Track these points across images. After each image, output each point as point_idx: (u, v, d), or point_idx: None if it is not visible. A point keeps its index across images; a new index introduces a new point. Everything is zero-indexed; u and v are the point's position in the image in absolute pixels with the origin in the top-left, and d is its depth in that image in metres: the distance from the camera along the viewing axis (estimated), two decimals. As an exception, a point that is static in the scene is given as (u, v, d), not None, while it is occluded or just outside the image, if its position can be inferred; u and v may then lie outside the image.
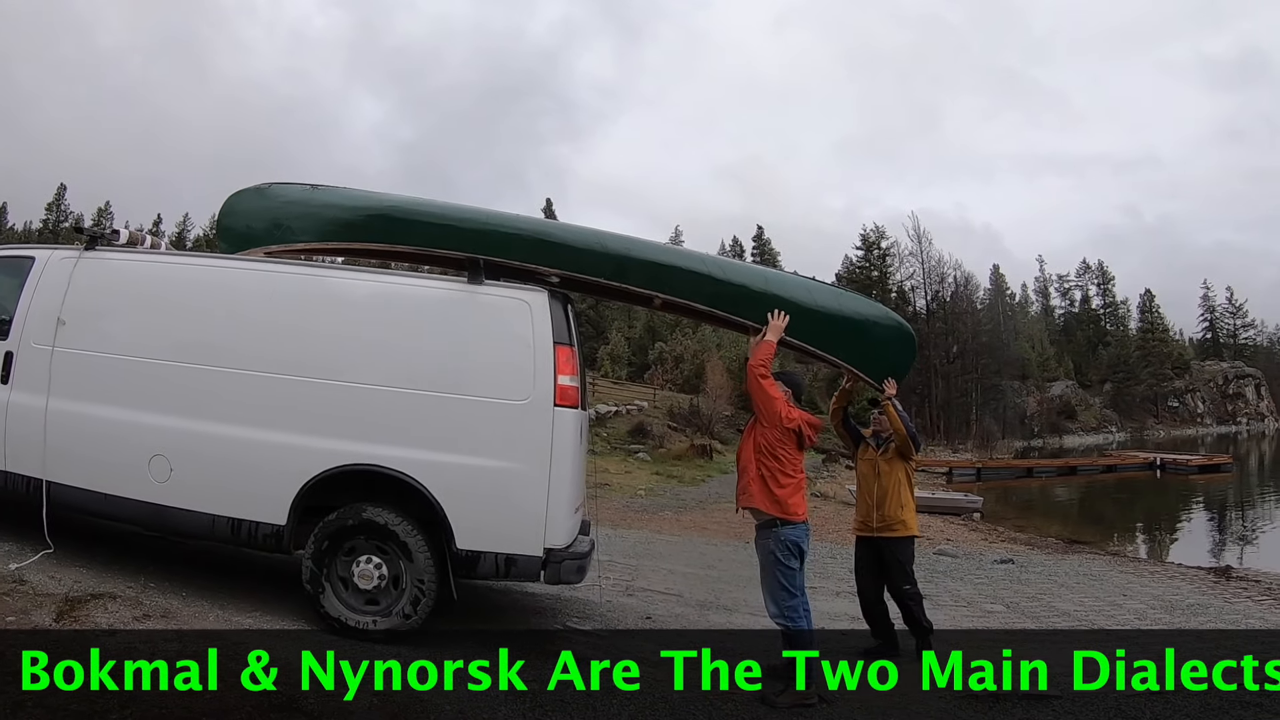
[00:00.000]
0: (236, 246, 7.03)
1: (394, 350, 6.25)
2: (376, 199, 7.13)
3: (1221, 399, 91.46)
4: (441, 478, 6.01)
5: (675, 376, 53.29)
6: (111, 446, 6.26)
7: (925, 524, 16.17)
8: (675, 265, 6.96)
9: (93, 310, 6.49)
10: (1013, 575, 11.60)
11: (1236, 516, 28.38)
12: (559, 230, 7.04)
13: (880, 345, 7.04)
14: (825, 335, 6.85)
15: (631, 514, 16.14)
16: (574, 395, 6.23)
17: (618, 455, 29.47)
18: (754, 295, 6.73)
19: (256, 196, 7.21)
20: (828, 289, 7.30)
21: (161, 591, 6.09)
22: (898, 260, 77.39)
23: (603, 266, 6.73)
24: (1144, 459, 47.36)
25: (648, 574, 9.54)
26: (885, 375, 6.99)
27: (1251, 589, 11.20)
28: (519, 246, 6.71)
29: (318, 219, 6.96)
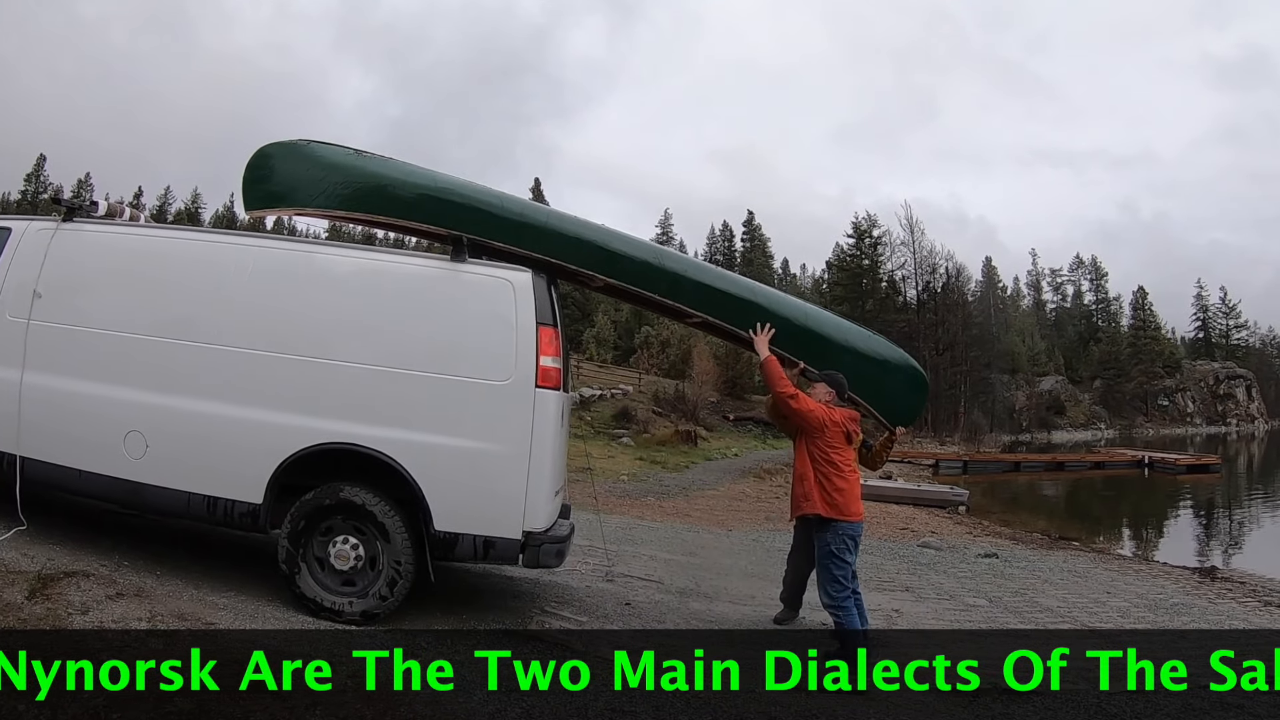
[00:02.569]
0: (263, 204, 6.90)
1: (374, 328, 6.19)
2: (432, 179, 6.94)
3: (1212, 399, 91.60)
4: (420, 458, 5.96)
5: (661, 361, 53.11)
6: (87, 422, 6.21)
7: (910, 516, 16.25)
8: (728, 291, 7.08)
9: (70, 283, 6.41)
10: (996, 570, 11.56)
11: (1223, 518, 28.42)
12: (619, 242, 6.99)
13: (897, 387, 7.20)
14: (851, 374, 6.92)
15: (614, 499, 16.10)
16: (556, 377, 6.18)
17: (601, 439, 29.36)
18: (793, 328, 6.92)
19: (292, 154, 6.96)
20: (857, 329, 7.47)
21: (135, 570, 6.05)
22: (889, 250, 77.16)
23: (658, 283, 6.82)
24: (1132, 457, 47.40)
25: (628, 560, 9.51)
26: (899, 417, 7.16)
27: (1236, 590, 11.19)
28: (582, 252, 6.77)
29: (363, 188, 6.78)
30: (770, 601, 7.98)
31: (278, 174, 6.91)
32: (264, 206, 6.90)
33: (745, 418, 44.14)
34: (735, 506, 18.51)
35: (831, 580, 6.26)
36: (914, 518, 16.69)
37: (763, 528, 14.96)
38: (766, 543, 12.71)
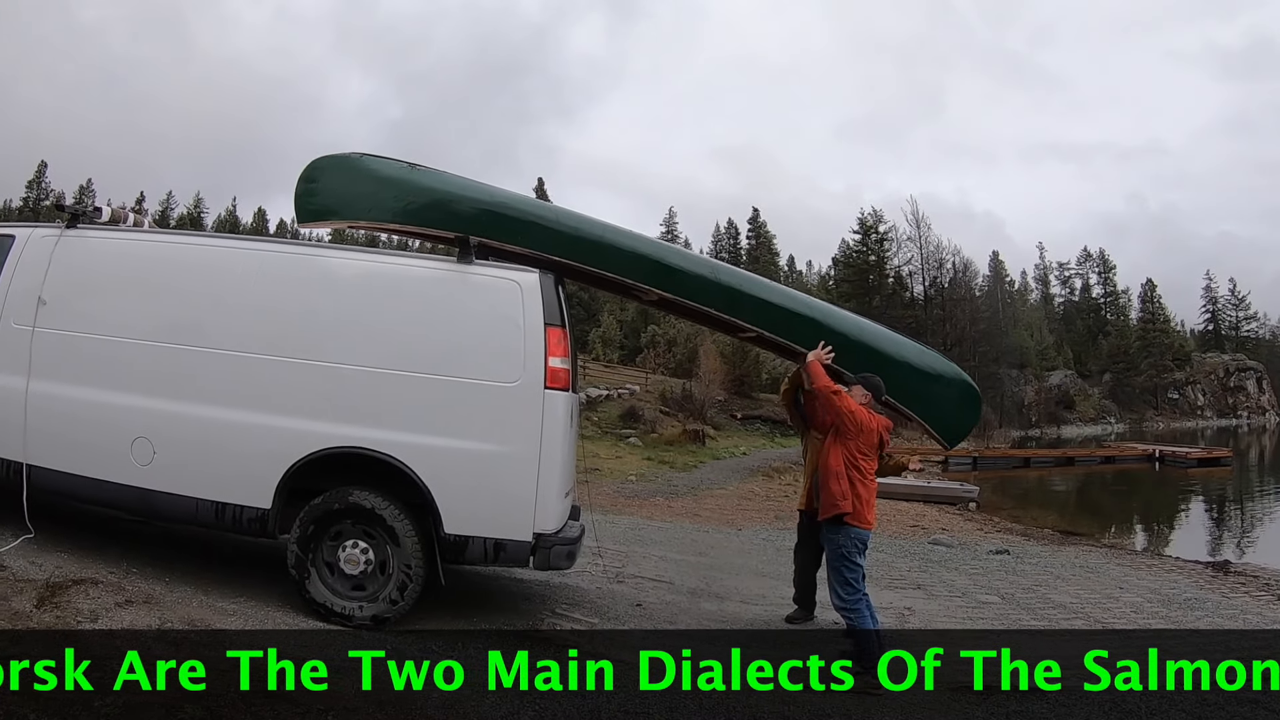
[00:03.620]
0: (316, 216, 6.99)
1: (382, 331, 6.17)
2: (488, 193, 7.01)
3: (1222, 391, 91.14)
4: (430, 461, 5.95)
5: (668, 360, 52.94)
6: (94, 429, 6.19)
7: (920, 512, 16.18)
8: (784, 306, 7.16)
9: (74, 290, 6.40)
10: (1008, 566, 11.51)
11: (1236, 511, 28.27)
12: (676, 256, 7.16)
13: (950, 403, 7.27)
14: (904, 388, 7.00)
15: (622, 499, 16.07)
16: (565, 377, 6.17)
17: (608, 440, 29.31)
18: (848, 342, 6.94)
19: (344, 167, 7.03)
20: (911, 344, 7.52)
21: (144, 577, 6.03)
22: (896, 245, 76.76)
23: (715, 299, 6.86)
24: (1143, 451, 47.18)
25: (638, 560, 9.48)
26: (952, 432, 7.26)
27: (1250, 584, 11.12)
28: (640, 268, 6.87)
29: (419, 202, 6.84)
30: (781, 601, 7.95)
31: (331, 187, 6.96)
32: (317, 219, 6.99)
33: (754, 416, 44.10)
34: (744, 505, 18.45)
35: (843, 583, 6.22)
36: (924, 514, 16.63)
37: (773, 526, 14.90)
38: (777, 541, 12.65)
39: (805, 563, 7.54)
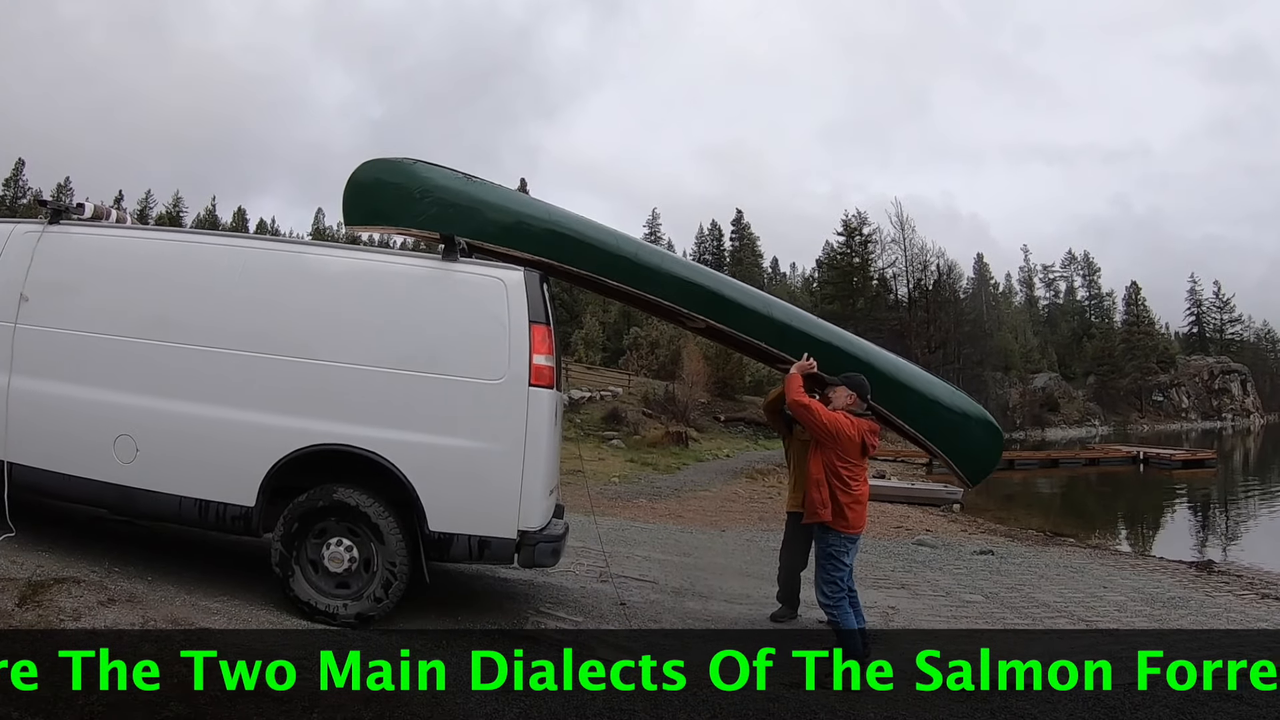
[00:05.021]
0: (366, 220, 7.00)
1: (367, 328, 6.16)
2: (546, 212, 7.10)
3: (1207, 394, 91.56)
4: (414, 458, 5.93)
5: (651, 362, 52.86)
6: (76, 426, 6.15)
7: (904, 514, 16.23)
8: (830, 343, 7.23)
9: (57, 286, 6.35)
10: (992, 566, 11.57)
11: (1220, 512, 28.43)
12: (729, 288, 7.29)
13: (976, 441, 7.40)
14: (934, 426, 7.23)
15: (605, 501, 16.04)
16: (549, 375, 6.16)
17: (591, 442, 29.25)
18: (884, 379, 7.06)
19: (397, 172, 7.06)
20: (942, 383, 7.71)
21: (127, 576, 5.99)
22: (880, 247, 76.73)
23: (766, 333, 6.96)
24: (1127, 453, 47.35)
25: (622, 561, 9.48)
26: (976, 470, 7.45)
27: (1233, 584, 11.21)
28: (692, 296, 7.02)
29: (474, 215, 6.88)
30: (765, 599, 7.98)
31: (382, 192, 6.96)
32: (366, 223, 6.99)
33: (737, 418, 44.11)
34: (728, 507, 18.48)
35: (828, 581, 6.23)
36: (908, 516, 16.69)
37: (756, 527, 14.95)
38: (760, 542, 12.69)
39: (791, 563, 7.58)
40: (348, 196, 7.03)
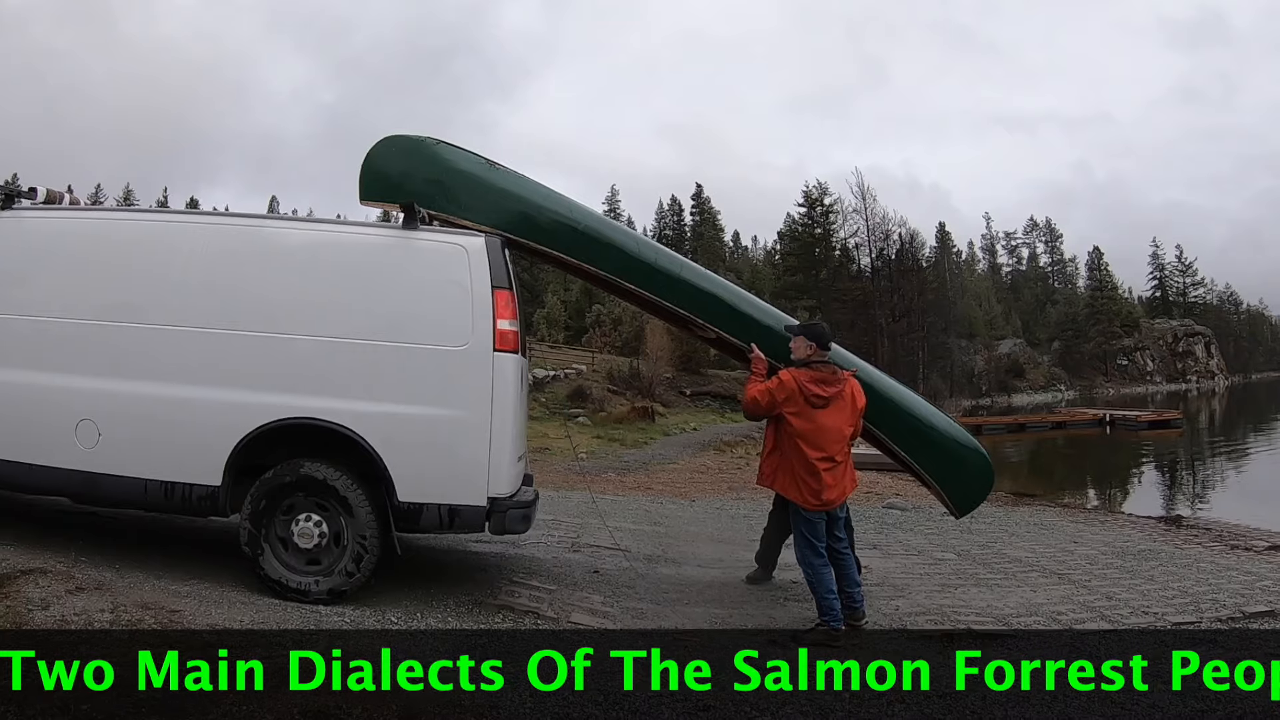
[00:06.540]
0: (381, 194, 6.81)
1: (328, 299, 6.10)
2: (568, 208, 7.03)
3: (1171, 357, 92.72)
4: (380, 428, 5.89)
5: (614, 339, 52.94)
6: (35, 413, 6.06)
7: (873, 480, 16.30)
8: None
9: (10, 271, 6.27)
10: (963, 526, 11.58)
11: (1186, 471, 28.88)
12: (746, 304, 7.27)
13: (969, 474, 7.41)
14: (929, 455, 7.27)
15: (573, 476, 15.95)
16: (514, 339, 6.13)
17: (557, 420, 29.12)
18: (893, 406, 7.18)
19: (420, 149, 6.95)
20: (943, 416, 7.71)
21: (94, 565, 5.88)
22: (841, 218, 76.44)
23: (779, 348, 6.80)
24: (1093, 416, 48.00)
25: (594, 531, 9.44)
26: (963, 502, 7.47)
27: (1202, 536, 11.31)
28: (710, 308, 7.03)
29: (494, 204, 6.78)
30: (739, 563, 8.02)
31: (402, 169, 6.84)
32: (381, 199, 6.82)
33: (703, 392, 44.21)
34: (697, 479, 18.49)
35: (806, 547, 6.25)
36: (878, 482, 16.68)
37: (726, 496, 14.99)
38: (730, 510, 12.73)
39: (772, 530, 7.59)
40: (364, 170, 6.87)
